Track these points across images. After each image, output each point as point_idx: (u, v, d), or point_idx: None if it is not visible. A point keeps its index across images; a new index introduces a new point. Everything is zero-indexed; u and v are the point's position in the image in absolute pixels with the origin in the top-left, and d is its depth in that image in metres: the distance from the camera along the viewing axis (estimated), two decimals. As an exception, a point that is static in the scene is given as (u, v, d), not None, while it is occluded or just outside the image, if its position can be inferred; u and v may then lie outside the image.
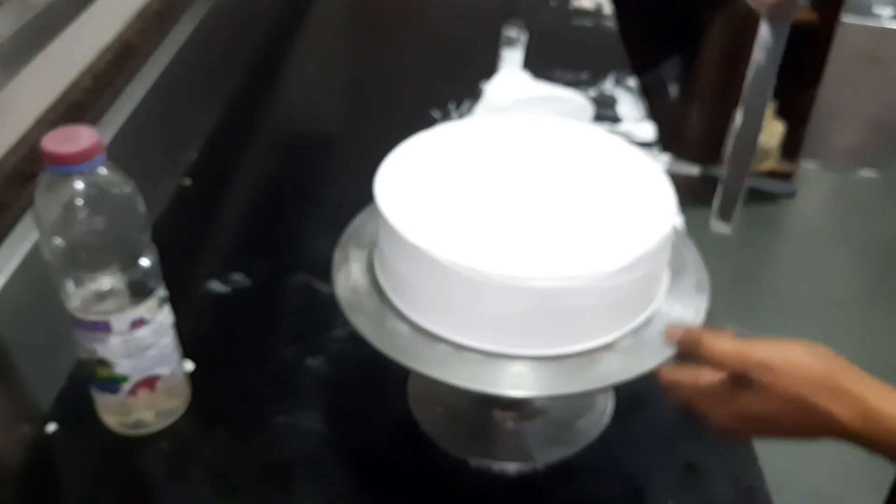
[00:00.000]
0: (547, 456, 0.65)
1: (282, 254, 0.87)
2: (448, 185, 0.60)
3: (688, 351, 0.53)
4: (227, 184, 0.99)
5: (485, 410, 0.68)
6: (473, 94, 1.12)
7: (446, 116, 1.10)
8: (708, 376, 0.52)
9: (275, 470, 0.64)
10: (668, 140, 1.11)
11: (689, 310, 0.59)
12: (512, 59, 1.08)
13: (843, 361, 0.49)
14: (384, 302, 0.59)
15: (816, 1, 2.17)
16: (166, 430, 0.66)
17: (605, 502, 0.63)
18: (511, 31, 1.07)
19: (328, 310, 0.72)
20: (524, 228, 0.56)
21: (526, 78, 1.10)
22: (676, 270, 0.61)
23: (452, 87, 1.15)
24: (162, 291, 0.62)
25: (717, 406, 0.52)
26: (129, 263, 0.59)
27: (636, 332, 0.57)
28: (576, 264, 0.53)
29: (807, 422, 0.48)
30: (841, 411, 0.46)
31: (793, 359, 0.48)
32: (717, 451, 0.66)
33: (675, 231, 0.61)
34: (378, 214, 0.57)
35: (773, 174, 2.27)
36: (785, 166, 2.27)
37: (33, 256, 0.64)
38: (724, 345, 0.51)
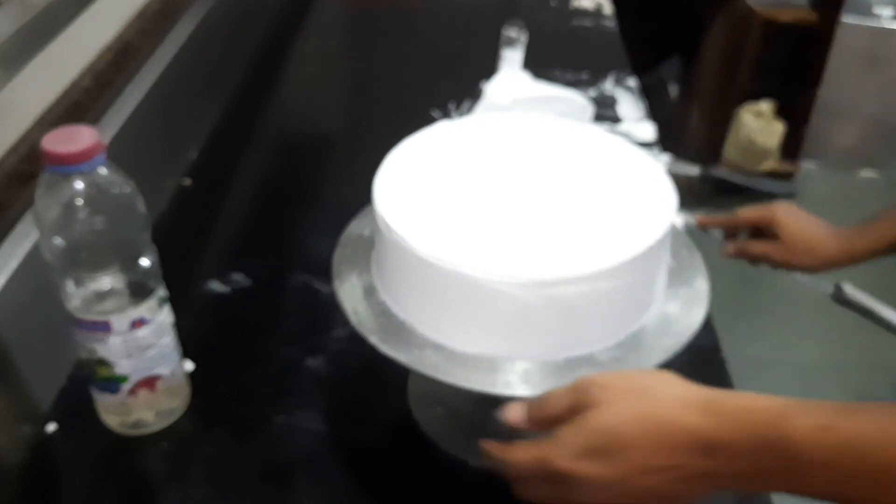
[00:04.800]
0: (547, 456, 0.65)
1: (282, 254, 0.87)
2: (448, 184, 0.60)
3: (537, 420, 0.48)
4: (227, 184, 0.99)
5: (485, 410, 0.68)
6: (473, 94, 1.12)
7: (446, 116, 1.10)
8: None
9: (275, 470, 0.64)
10: (668, 140, 1.11)
11: (689, 309, 0.59)
12: (512, 59, 1.08)
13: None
14: (384, 301, 0.59)
15: (816, 1, 2.18)
16: (166, 430, 0.66)
17: (605, 502, 0.63)
18: (511, 31, 1.07)
19: (328, 310, 0.72)
20: (524, 228, 0.56)
21: (526, 78, 1.10)
22: (676, 270, 0.61)
23: (452, 87, 1.15)
24: (162, 291, 0.62)
25: (555, 444, 0.46)
26: (129, 263, 0.59)
27: (636, 331, 0.57)
28: (576, 263, 0.53)
29: (651, 419, 0.43)
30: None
31: (617, 372, 0.48)
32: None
33: (675, 231, 0.61)
34: (377, 215, 0.57)
35: (773, 174, 2.27)
36: (785, 166, 2.27)
37: (33, 256, 0.64)
38: (554, 396, 0.47)
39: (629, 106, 1.15)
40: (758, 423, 0.41)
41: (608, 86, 1.19)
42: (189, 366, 0.70)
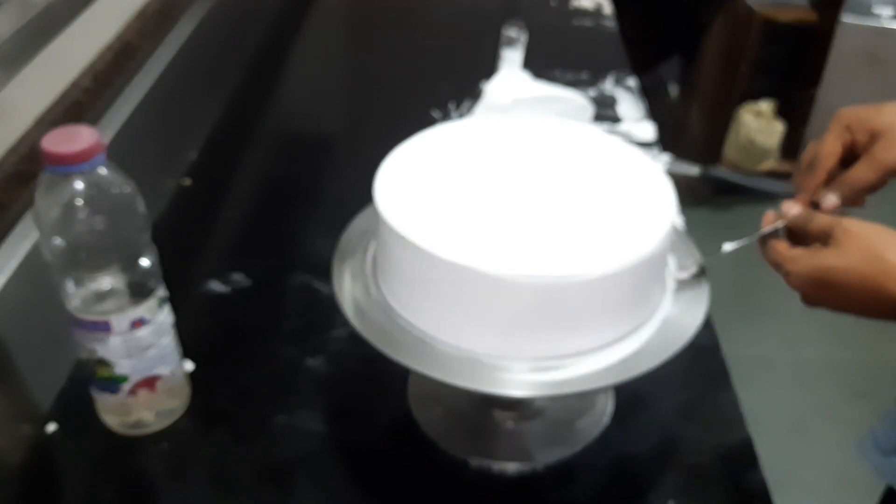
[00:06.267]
0: (547, 456, 0.65)
1: (282, 254, 0.87)
2: (448, 185, 0.60)
3: (797, 226, 0.59)
4: (227, 184, 0.99)
5: (485, 410, 0.68)
6: (473, 94, 1.12)
7: (446, 116, 1.10)
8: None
9: (275, 470, 0.64)
10: (668, 140, 1.11)
11: (689, 309, 0.59)
12: (512, 59, 1.08)
13: None
14: (384, 302, 0.59)
15: (816, 1, 2.18)
16: (166, 430, 0.66)
17: (604, 502, 0.63)
18: (511, 31, 1.07)
19: (328, 310, 0.72)
20: (524, 228, 0.56)
21: (526, 78, 1.10)
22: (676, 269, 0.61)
23: (452, 87, 1.15)
24: (162, 291, 0.62)
25: (799, 262, 0.56)
26: (129, 263, 0.59)
27: (636, 331, 0.57)
28: (576, 264, 0.53)
29: (873, 280, 0.52)
30: None
31: (870, 225, 0.54)
32: (717, 452, 0.66)
33: (676, 231, 0.61)
34: (377, 214, 0.57)
35: (773, 174, 2.27)
36: (785, 166, 2.27)
37: (33, 256, 0.64)
38: (821, 217, 0.58)
39: (629, 106, 1.15)
40: None
41: (608, 86, 1.19)
42: (189, 366, 0.70)
